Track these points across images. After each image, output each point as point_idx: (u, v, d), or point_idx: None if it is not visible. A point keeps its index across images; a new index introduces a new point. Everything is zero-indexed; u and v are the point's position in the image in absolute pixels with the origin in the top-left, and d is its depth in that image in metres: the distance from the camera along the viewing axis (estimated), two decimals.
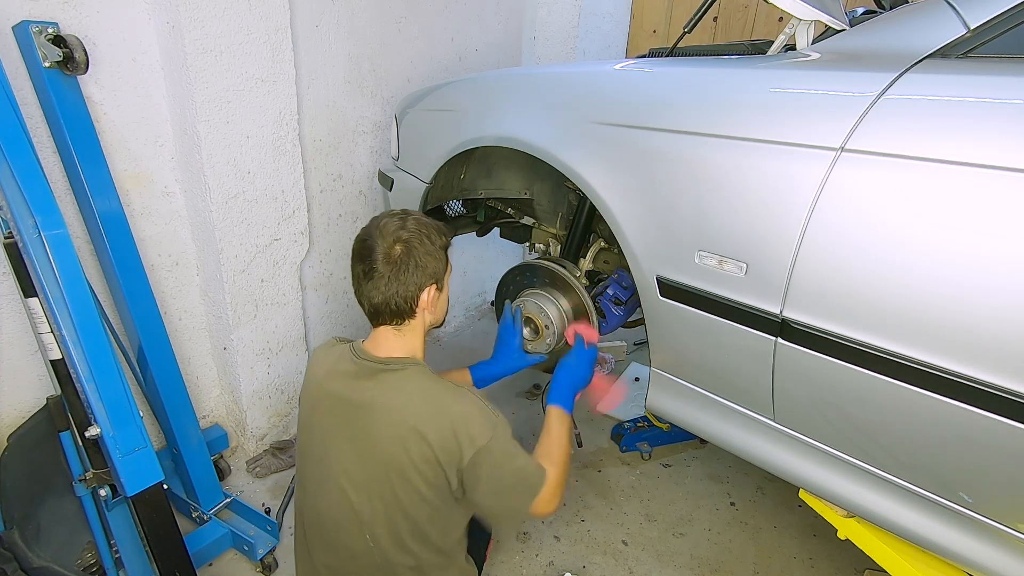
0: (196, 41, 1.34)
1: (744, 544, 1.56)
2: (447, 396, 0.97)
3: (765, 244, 0.91)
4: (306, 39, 1.68)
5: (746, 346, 0.98)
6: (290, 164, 1.65)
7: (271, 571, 1.41)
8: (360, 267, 1.01)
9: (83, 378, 1.02)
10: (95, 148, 1.29)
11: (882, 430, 0.88)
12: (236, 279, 1.60)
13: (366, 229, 1.02)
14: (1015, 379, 0.72)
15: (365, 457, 0.96)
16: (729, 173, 0.94)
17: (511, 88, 1.38)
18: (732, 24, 2.47)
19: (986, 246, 0.73)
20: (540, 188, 1.76)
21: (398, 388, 0.98)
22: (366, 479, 0.97)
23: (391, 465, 0.94)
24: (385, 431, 0.95)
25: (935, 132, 0.77)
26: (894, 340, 0.81)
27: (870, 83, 0.83)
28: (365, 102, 1.94)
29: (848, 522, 1.07)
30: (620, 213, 1.11)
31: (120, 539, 1.17)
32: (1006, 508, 0.82)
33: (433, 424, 0.93)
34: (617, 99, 1.14)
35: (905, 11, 0.97)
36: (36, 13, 1.20)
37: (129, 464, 1.03)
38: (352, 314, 2.15)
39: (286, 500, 1.62)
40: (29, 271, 1.05)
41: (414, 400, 0.96)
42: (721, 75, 1.03)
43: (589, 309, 1.44)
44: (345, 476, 0.98)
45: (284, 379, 1.84)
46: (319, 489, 1.02)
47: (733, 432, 1.10)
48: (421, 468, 0.93)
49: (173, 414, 1.45)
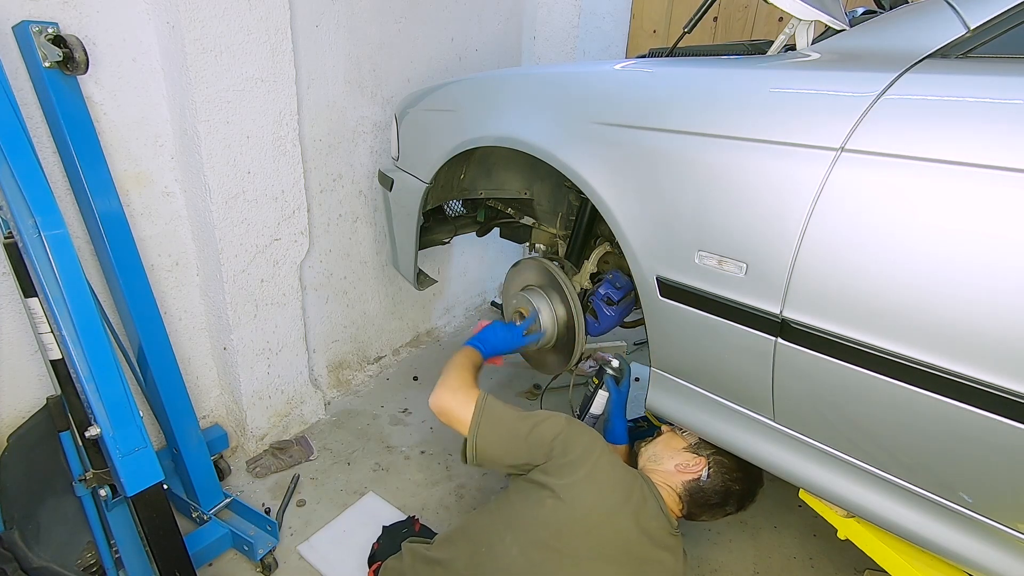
0: (196, 41, 1.34)
1: (744, 544, 1.56)
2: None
3: (765, 244, 0.91)
4: (306, 39, 1.68)
5: (746, 346, 0.98)
6: (290, 164, 1.65)
7: (271, 571, 1.41)
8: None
9: (83, 378, 1.02)
10: (95, 148, 1.29)
11: (882, 430, 0.88)
12: (236, 279, 1.60)
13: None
14: (1015, 379, 0.72)
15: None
16: (729, 173, 0.94)
17: (511, 88, 1.38)
18: (732, 24, 2.47)
19: (986, 246, 0.73)
20: (540, 188, 1.76)
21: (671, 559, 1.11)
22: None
23: None
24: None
25: (935, 132, 0.77)
26: (894, 340, 0.81)
27: (870, 83, 0.83)
28: (365, 102, 1.94)
29: (848, 522, 1.07)
30: (620, 213, 1.11)
31: (120, 539, 1.17)
32: (1006, 508, 0.82)
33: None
34: (617, 99, 1.14)
35: (905, 11, 0.97)
36: (36, 13, 1.20)
37: (129, 464, 1.03)
38: (352, 314, 2.16)
39: (286, 500, 1.62)
40: (29, 271, 1.05)
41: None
42: (721, 75, 1.03)
43: (576, 309, 1.45)
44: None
45: (284, 379, 1.84)
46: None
47: (733, 432, 1.10)
48: None
49: (173, 414, 1.45)
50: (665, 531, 1.11)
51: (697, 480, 1.19)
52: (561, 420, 1.15)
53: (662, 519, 1.11)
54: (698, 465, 1.20)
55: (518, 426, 1.15)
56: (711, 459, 1.21)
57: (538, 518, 1.07)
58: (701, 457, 1.21)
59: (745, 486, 1.20)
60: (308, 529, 1.54)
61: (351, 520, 1.58)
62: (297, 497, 1.65)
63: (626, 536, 1.06)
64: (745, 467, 1.18)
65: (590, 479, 1.07)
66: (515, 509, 1.12)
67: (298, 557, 1.46)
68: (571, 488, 1.06)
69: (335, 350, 2.14)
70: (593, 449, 1.11)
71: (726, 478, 1.19)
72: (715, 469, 1.19)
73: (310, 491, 1.68)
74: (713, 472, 1.19)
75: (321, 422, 1.99)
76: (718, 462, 1.20)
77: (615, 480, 1.10)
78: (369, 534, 1.48)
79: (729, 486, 1.19)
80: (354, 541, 1.49)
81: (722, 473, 1.19)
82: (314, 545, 1.50)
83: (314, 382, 2.04)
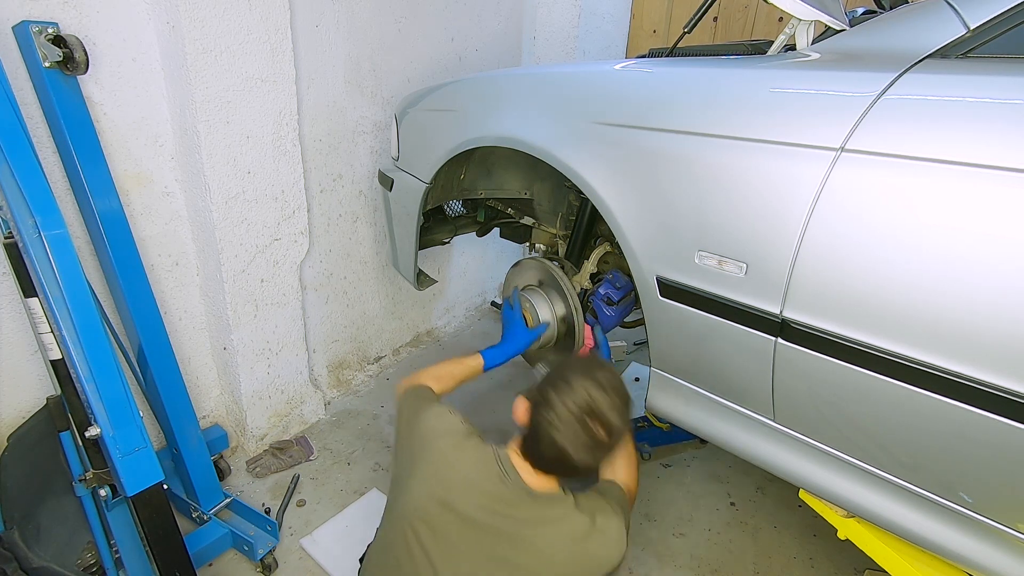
0: (196, 41, 1.34)
1: (744, 544, 1.56)
2: (592, 541, 0.96)
3: (765, 244, 0.91)
4: (306, 39, 1.68)
5: (746, 346, 0.98)
6: (290, 164, 1.65)
7: (271, 571, 1.41)
8: (554, 433, 0.94)
9: (83, 378, 1.02)
10: (95, 148, 1.29)
11: (882, 430, 0.88)
12: (236, 279, 1.60)
13: (564, 393, 0.95)
14: (1015, 379, 0.72)
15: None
16: (729, 173, 0.94)
17: (511, 88, 1.38)
18: (732, 24, 2.47)
19: (986, 246, 0.73)
20: (540, 188, 1.76)
21: (551, 533, 0.95)
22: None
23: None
24: (526, 570, 0.94)
25: (935, 132, 0.77)
26: (894, 340, 0.81)
27: (870, 83, 0.83)
28: (365, 102, 1.94)
29: (848, 522, 1.07)
30: (620, 213, 1.11)
31: (120, 539, 1.17)
32: (1006, 508, 0.82)
33: (578, 569, 0.95)
34: (617, 99, 1.14)
35: (905, 11, 0.97)
36: (36, 13, 1.20)
37: (129, 464, 1.03)
38: (352, 314, 2.16)
39: (286, 500, 1.62)
40: (29, 271, 1.05)
41: (562, 547, 0.95)
42: (721, 75, 1.03)
43: (576, 309, 1.45)
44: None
45: (284, 379, 1.84)
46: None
47: (733, 432, 1.10)
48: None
49: (173, 414, 1.45)
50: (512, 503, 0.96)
51: (523, 428, 1.00)
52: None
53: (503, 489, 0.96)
54: (520, 406, 1.02)
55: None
56: (533, 397, 1.00)
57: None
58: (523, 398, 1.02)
59: (574, 439, 0.93)
60: (308, 529, 1.54)
61: (354, 516, 1.59)
62: (297, 497, 1.65)
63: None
64: (576, 415, 0.94)
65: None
66: None
67: (298, 556, 1.46)
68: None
69: (335, 350, 2.14)
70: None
71: (547, 424, 0.95)
72: (536, 411, 0.98)
73: (310, 491, 1.68)
74: (534, 416, 0.98)
75: (321, 422, 1.99)
76: (537, 400, 0.98)
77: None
78: (372, 529, 1.48)
79: (552, 436, 0.94)
80: (357, 537, 1.50)
81: (543, 416, 0.95)
82: (317, 540, 1.50)
83: (314, 382, 2.04)
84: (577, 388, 0.95)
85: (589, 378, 0.97)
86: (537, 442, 0.97)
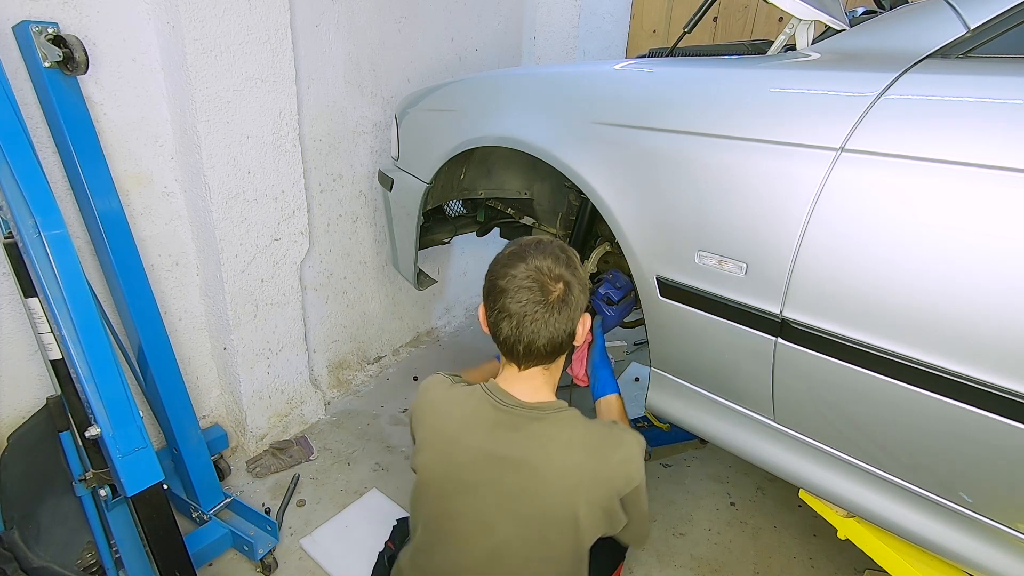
0: (196, 41, 1.34)
1: (744, 544, 1.56)
2: (607, 444, 0.94)
3: (765, 244, 0.91)
4: (306, 39, 1.68)
5: (746, 346, 0.98)
6: (290, 164, 1.65)
7: (271, 571, 1.41)
8: (516, 307, 0.92)
9: (83, 378, 1.02)
10: (95, 148, 1.29)
11: (882, 430, 0.88)
12: (236, 279, 1.60)
13: (514, 266, 0.94)
14: (1015, 379, 0.72)
15: (520, 514, 0.92)
16: (729, 173, 0.94)
17: (511, 88, 1.38)
18: (732, 24, 2.47)
19: (986, 246, 0.73)
20: (540, 188, 1.76)
21: (556, 440, 0.93)
22: (519, 535, 0.93)
23: (551, 521, 0.91)
24: (546, 487, 0.91)
25: (935, 132, 0.77)
26: (894, 340, 0.81)
27: (870, 83, 0.83)
28: (365, 102, 1.94)
29: (848, 522, 1.07)
30: (620, 213, 1.10)
31: (120, 539, 1.17)
32: (1006, 508, 0.82)
33: (597, 478, 0.91)
34: (617, 99, 1.14)
35: (905, 11, 0.97)
36: (36, 13, 1.20)
37: (129, 464, 1.03)
38: (352, 314, 2.16)
39: (286, 500, 1.62)
40: (29, 271, 1.05)
41: (575, 455, 0.92)
42: (721, 75, 1.03)
43: None
44: (491, 532, 0.93)
45: (284, 379, 1.84)
46: (457, 547, 0.97)
47: (733, 432, 1.10)
48: (583, 520, 0.91)
49: (173, 414, 1.45)
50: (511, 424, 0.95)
51: (493, 334, 0.99)
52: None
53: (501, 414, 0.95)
54: (480, 314, 1.02)
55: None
56: (484, 294, 1.00)
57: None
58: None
59: (534, 301, 0.92)
60: (308, 529, 1.54)
61: (354, 516, 1.59)
62: (297, 497, 1.65)
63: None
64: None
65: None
66: None
67: (298, 556, 1.46)
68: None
69: (335, 350, 2.14)
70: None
71: (505, 304, 0.94)
72: (491, 302, 0.97)
73: (310, 491, 1.68)
74: (491, 308, 0.97)
75: (321, 422, 1.99)
76: (487, 292, 0.98)
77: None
78: (371, 530, 1.48)
79: (512, 308, 0.93)
80: (356, 537, 1.50)
81: (499, 301, 0.95)
82: (316, 540, 1.50)
83: (314, 382, 2.04)
84: (515, 259, 0.95)
85: (523, 247, 0.97)
86: (507, 328, 0.94)
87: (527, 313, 0.92)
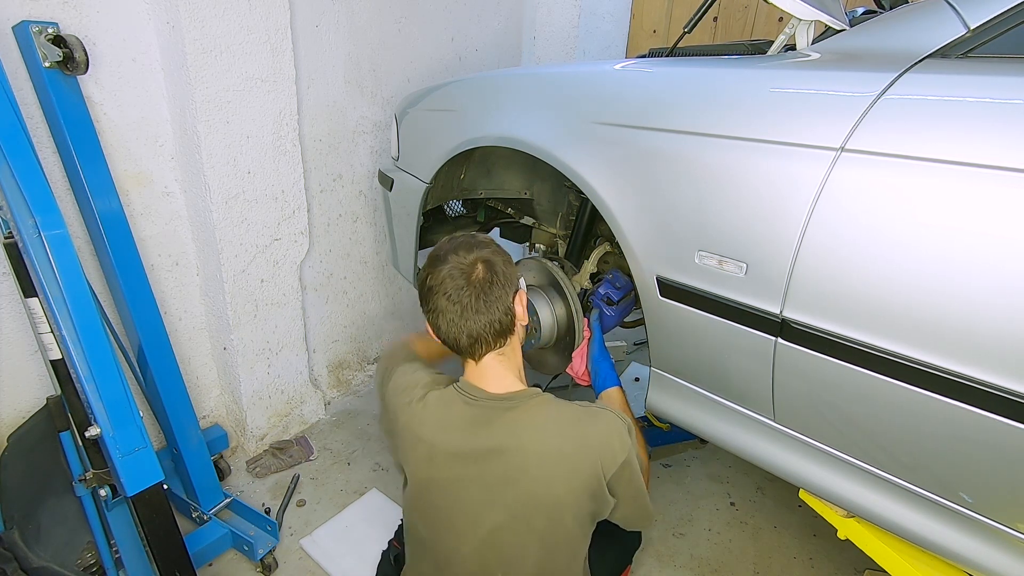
0: (196, 41, 1.34)
1: (744, 544, 1.56)
2: (582, 423, 0.93)
3: (765, 244, 0.91)
4: (306, 39, 1.68)
5: (746, 346, 0.98)
6: (290, 164, 1.65)
7: (271, 571, 1.41)
8: (445, 301, 0.93)
9: (83, 378, 1.02)
10: (95, 148, 1.29)
11: (882, 430, 0.88)
12: (236, 279, 1.60)
13: (435, 266, 0.95)
14: (1015, 379, 0.72)
15: (505, 503, 0.92)
16: (729, 173, 0.94)
17: (511, 88, 1.38)
18: (732, 24, 2.47)
19: (986, 246, 0.73)
20: (540, 188, 1.76)
21: (530, 426, 0.93)
22: (506, 524, 0.93)
23: (537, 507, 0.91)
24: (525, 475, 0.91)
25: (935, 132, 0.77)
26: (894, 340, 0.81)
27: (870, 83, 0.83)
28: (365, 102, 1.94)
29: (848, 522, 1.07)
30: (620, 213, 1.10)
31: (120, 539, 1.17)
32: (1006, 508, 0.82)
33: (576, 458, 0.90)
34: (617, 99, 1.14)
35: (905, 11, 0.97)
36: (36, 13, 1.20)
37: (129, 464, 1.03)
38: (352, 314, 2.16)
39: (286, 500, 1.62)
40: (29, 271, 1.05)
41: (551, 438, 0.92)
42: (721, 75, 1.03)
43: (576, 309, 1.45)
44: (480, 526, 0.94)
45: (284, 379, 1.84)
46: (448, 544, 0.97)
47: (733, 432, 1.10)
48: (568, 503, 0.91)
49: (173, 414, 1.45)
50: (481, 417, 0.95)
51: (439, 337, 0.99)
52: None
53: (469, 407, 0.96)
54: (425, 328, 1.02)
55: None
56: (420, 299, 1.00)
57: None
58: None
59: (464, 288, 0.93)
60: (308, 529, 1.54)
61: (354, 516, 1.59)
62: (297, 497, 1.65)
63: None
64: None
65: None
66: None
67: (298, 556, 1.46)
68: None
69: (335, 350, 2.14)
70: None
71: (438, 301, 0.94)
72: (426, 302, 0.98)
73: (310, 491, 1.68)
74: (427, 309, 0.98)
75: (321, 422, 1.99)
76: (421, 296, 0.99)
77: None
78: (371, 530, 1.48)
79: (445, 304, 0.93)
80: (356, 537, 1.50)
81: (432, 299, 0.96)
82: (316, 540, 1.50)
83: (314, 382, 2.04)
84: (436, 260, 0.96)
85: (439, 247, 0.98)
86: (445, 324, 0.94)
87: (457, 300, 0.92)
